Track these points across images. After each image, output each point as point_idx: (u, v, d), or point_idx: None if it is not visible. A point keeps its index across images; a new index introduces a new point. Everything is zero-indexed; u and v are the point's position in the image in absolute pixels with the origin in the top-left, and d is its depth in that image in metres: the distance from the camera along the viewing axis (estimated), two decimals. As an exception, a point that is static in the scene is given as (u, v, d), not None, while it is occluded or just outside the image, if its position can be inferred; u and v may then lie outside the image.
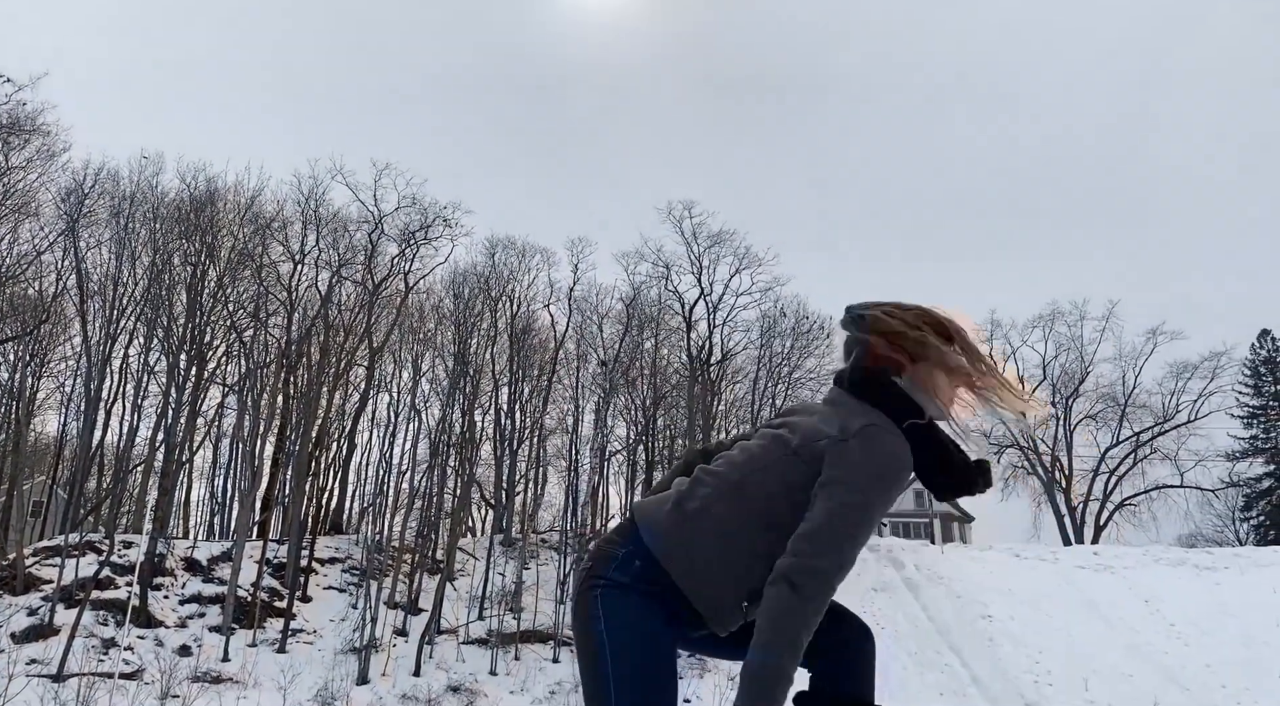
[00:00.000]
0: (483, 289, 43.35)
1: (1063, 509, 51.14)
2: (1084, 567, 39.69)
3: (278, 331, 39.86)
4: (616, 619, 2.00)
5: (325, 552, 36.82)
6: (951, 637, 34.56)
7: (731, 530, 2.03)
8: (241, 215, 39.81)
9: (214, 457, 43.32)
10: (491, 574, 36.11)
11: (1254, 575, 37.65)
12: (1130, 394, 51.94)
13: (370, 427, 43.76)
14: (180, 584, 32.90)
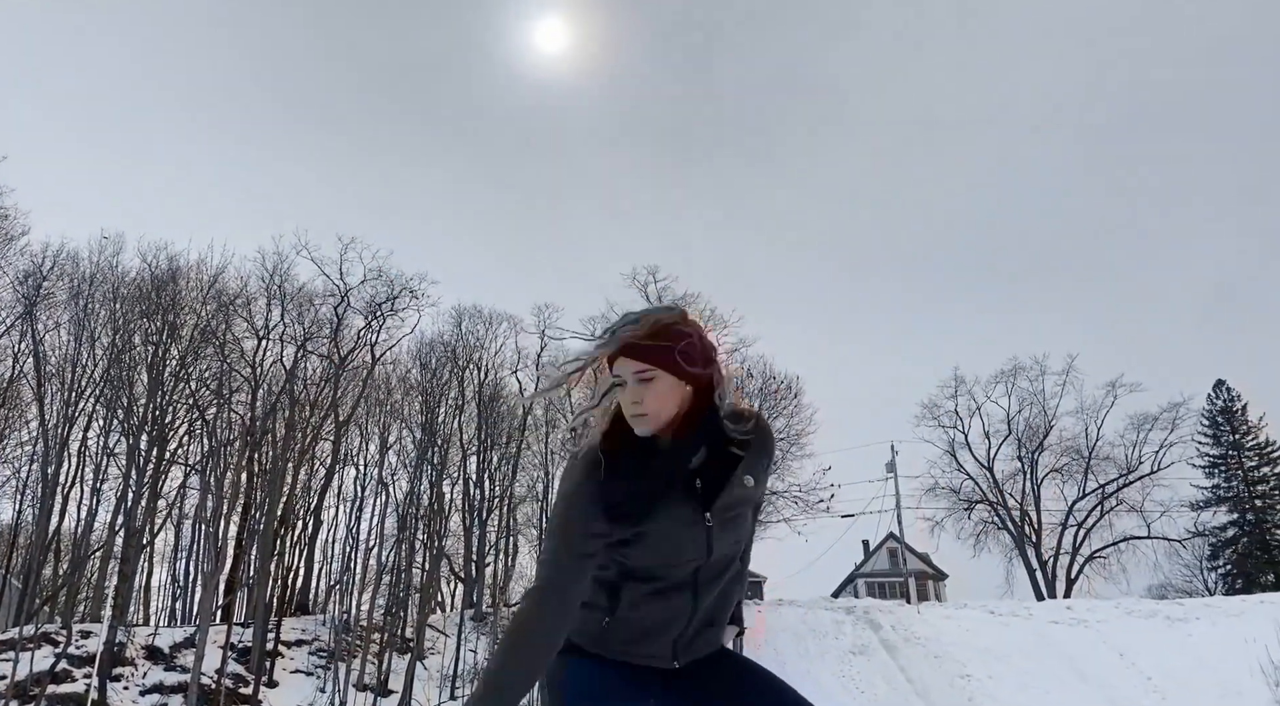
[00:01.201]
0: (450, 358, 43.27)
1: (1034, 563, 51.32)
2: (1058, 622, 39.73)
3: (242, 408, 39.35)
4: (578, 686, 2.03)
5: (292, 634, 35.90)
6: (931, 699, 34.28)
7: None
8: (204, 292, 39.55)
9: (175, 540, 42.37)
10: (463, 651, 35.36)
11: (1225, 625, 37.88)
12: (1093, 446, 52.63)
13: (336, 503, 43.15)
14: (141, 673, 31.83)
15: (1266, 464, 54.65)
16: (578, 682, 2.03)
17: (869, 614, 41.03)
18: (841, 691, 34.74)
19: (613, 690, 2.05)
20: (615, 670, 2.06)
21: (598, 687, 2.03)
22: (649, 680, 2.07)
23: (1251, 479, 54.28)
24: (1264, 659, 34.75)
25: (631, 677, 2.07)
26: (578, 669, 2.03)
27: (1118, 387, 52.53)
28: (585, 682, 2.03)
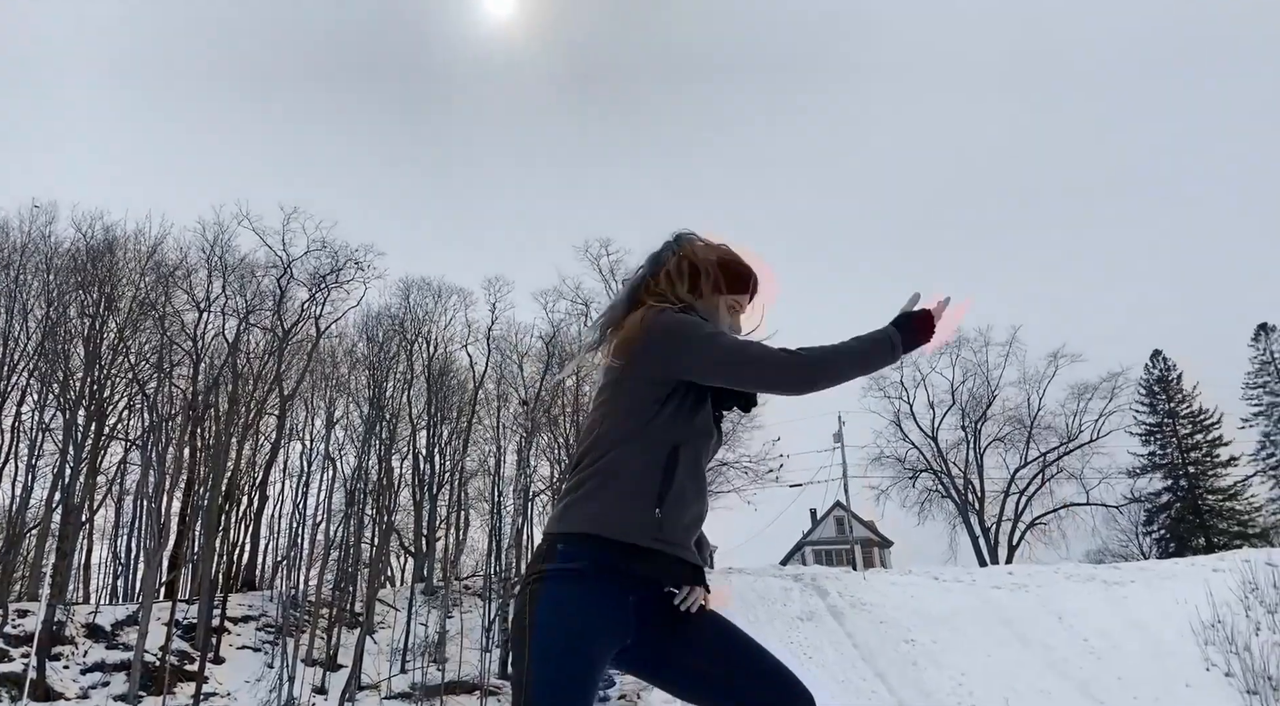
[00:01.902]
0: (398, 331, 42.75)
1: (977, 530, 52.55)
2: (1000, 587, 40.74)
3: (183, 382, 38.54)
4: (554, 614, 2.02)
5: (238, 611, 35.45)
6: (877, 664, 35.00)
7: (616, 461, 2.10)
8: (143, 264, 38.48)
9: (116, 517, 41.46)
10: (413, 624, 35.25)
11: (1159, 587, 39.17)
12: (1035, 416, 53.88)
13: (282, 478, 42.53)
14: (82, 652, 31.23)
15: (1199, 431, 56.43)
16: (560, 596, 2.05)
17: (816, 581, 41.69)
18: (789, 657, 35.08)
19: (593, 611, 2.04)
20: (604, 593, 2.06)
21: (579, 606, 2.03)
22: (630, 614, 2.09)
23: (1185, 446, 56.04)
24: (1194, 619, 36.06)
25: (615, 608, 2.07)
26: (564, 585, 2.05)
27: (1059, 358, 53.82)
28: (569, 600, 2.05)
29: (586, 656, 1.99)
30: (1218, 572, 39.44)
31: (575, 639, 2.00)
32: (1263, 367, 56.94)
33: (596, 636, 2.01)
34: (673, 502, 2.05)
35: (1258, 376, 56.97)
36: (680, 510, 2.07)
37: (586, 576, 2.02)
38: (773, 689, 2.12)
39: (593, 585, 2.03)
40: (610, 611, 2.03)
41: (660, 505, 2.04)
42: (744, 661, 2.18)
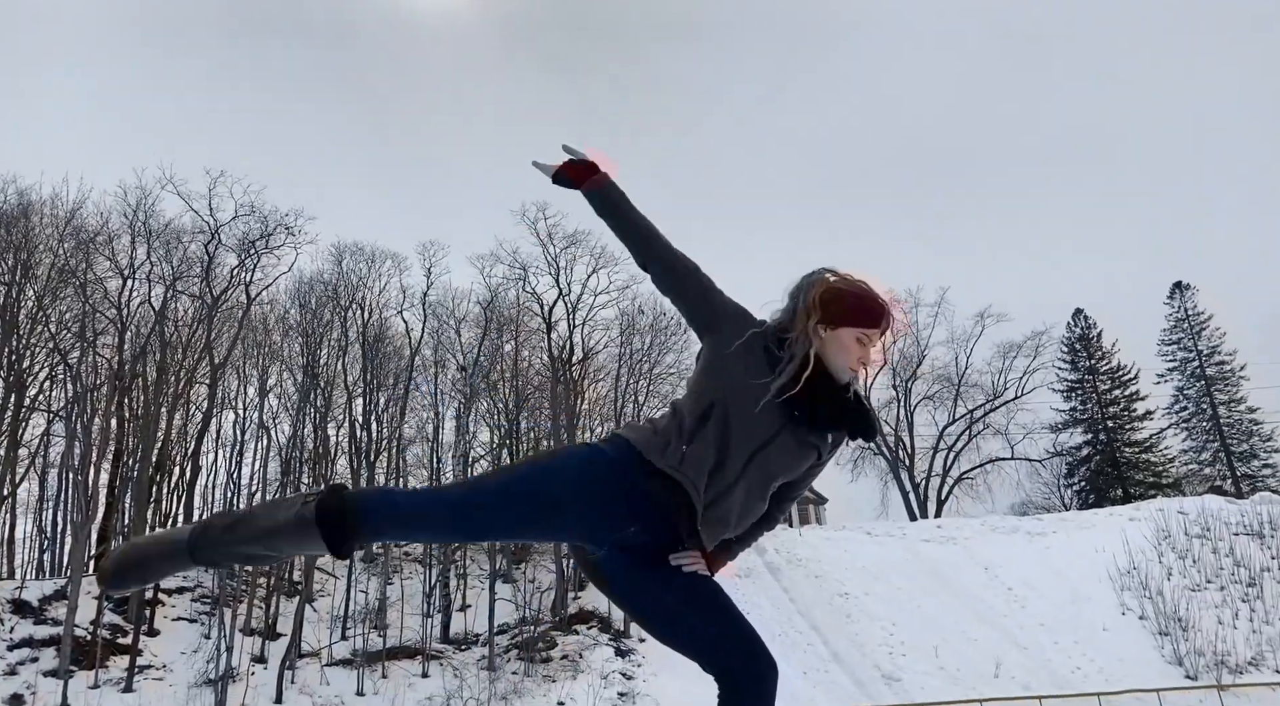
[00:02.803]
0: (331, 297, 42.07)
1: (907, 486, 54.04)
2: (929, 540, 42.05)
3: (108, 351, 37.48)
4: (570, 457, 2.31)
5: (172, 582, 34.83)
6: (812, 617, 35.99)
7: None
8: (61, 229, 37.16)
9: (41, 490, 40.26)
10: (353, 592, 35.16)
11: (1078, 537, 40.84)
12: (963, 374, 55.42)
13: (215, 448, 41.78)
14: (8, 628, 30.50)
15: (1118, 387, 58.63)
16: (583, 455, 2.29)
17: (754, 539, 42.54)
18: (728, 613, 36.11)
19: (595, 477, 2.23)
20: (614, 479, 2.23)
21: (602, 474, 2.24)
22: (626, 510, 2.23)
23: (1104, 401, 58.21)
24: (1111, 567, 37.76)
25: (615, 496, 2.22)
26: (600, 454, 2.27)
27: (986, 318, 55.30)
28: (586, 460, 2.28)
29: (558, 489, 2.20)
30: (1133, 521, 41.29)
31: (563, 471, 2.23)
32: (1177, 324, 59.27)
33: (582, 488, 2.21)
34: (699, 444, 2.22)
35: (1173, 333, 59.32)
36: (703, 459, 2.21)
37: (613, 461, 2.23)
38: (739, 654, 2.30)
39: (612, 468, 2.23)
40: (609, 491, 2.22)
41: (688, 443, 2.21)
42: (719, 619, 2.32)
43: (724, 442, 2.21)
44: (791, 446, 2.26)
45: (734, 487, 2.22)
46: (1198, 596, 35.50)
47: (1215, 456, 57.08)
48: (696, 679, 10.65)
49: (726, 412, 2.23)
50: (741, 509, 2.26)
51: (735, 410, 2.22)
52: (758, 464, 2.23)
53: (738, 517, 2.27)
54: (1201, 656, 32.41)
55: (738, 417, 2.22)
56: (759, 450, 2.23)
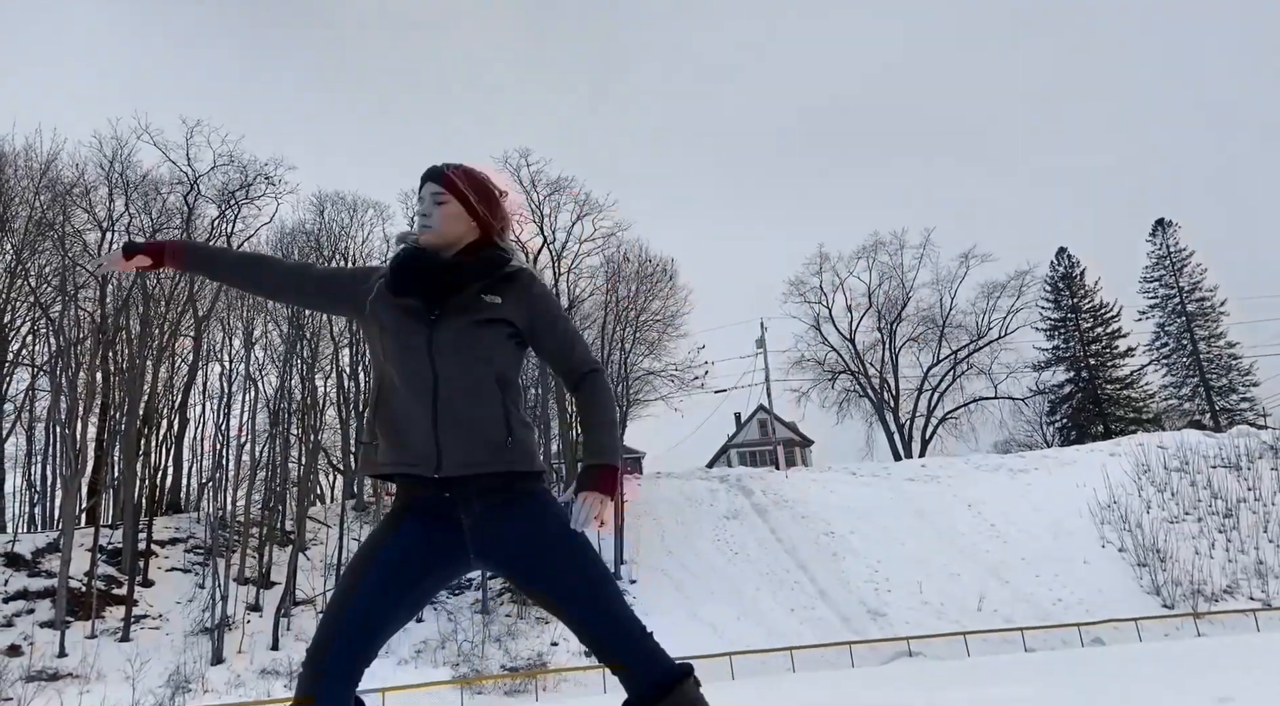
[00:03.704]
0: (313, 247, 41.70)
1: (892, 426, 54.58)
2: (913, 479, 42.63)
3: (90, 305, 37.18)
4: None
5: (165, 533, 35.17)
6: (799, 556, 36.60)
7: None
8: (36, 181, 36.56)
9: (29, 444, 40.22)
10: (346, 540, 35.46)
11: (1060, 473, 41.48)
12: (947, 315, 55.69)
13: (202, 401, 41.74)
14: (2, 581, 30.73)
15: (1100, 324, 59.06)
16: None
17: (741, 481, 43.03)
18: (716, 554, 36.67)
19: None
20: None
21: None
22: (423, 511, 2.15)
23: (1087, 339, 58.66)
24: (1092, 501, 38.45)
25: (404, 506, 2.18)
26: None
27: (970, 259, 55.42)
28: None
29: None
30: (1114, 456, 41.94)
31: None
32: (1159, 261, 59.51)
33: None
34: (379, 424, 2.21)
35: (1154, 270, 59.58)
36: (385, 425, 2.18)
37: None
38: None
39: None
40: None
41: (370, 437, 2.28)
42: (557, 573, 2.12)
43: (388, 390, 2.18)
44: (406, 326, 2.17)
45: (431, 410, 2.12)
46: (1176, 528, 36.26)
47: (1195, 391, 57.79)
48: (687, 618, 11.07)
49: (382, 361, 2.21)
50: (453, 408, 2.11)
51: (390, 352, 2.18)
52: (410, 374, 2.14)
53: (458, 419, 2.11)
54: (1179, 586, 33.22)
55: (392, 355, 2.17)
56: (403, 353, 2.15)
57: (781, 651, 28.55)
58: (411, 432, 2.11)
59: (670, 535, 37.88)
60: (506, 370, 2.17)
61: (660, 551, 36.48)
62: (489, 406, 2.11)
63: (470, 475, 2.08)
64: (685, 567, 35.31)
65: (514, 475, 2.11)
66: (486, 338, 2.14)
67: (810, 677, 22.04)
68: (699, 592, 33.43)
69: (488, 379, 2.12)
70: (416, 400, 2.11)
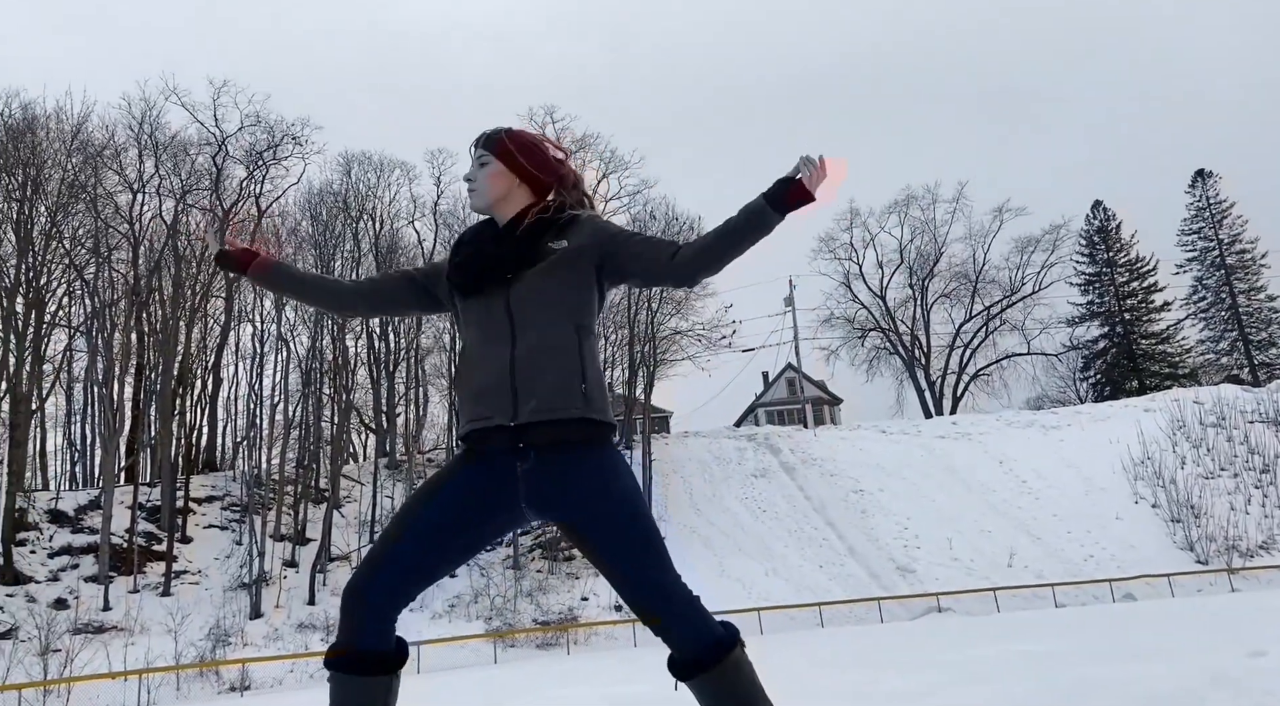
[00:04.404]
0: (341, 208, 41.77)
1: (923, 384, 54.24)
2: (944, 437, 42.45)
3: (123, 266, 37.59)
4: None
5: (201, 491, 35.85)
6: (827, 513, 36.67)
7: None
8: (68, 144, 36.81)
9: (68, 404, 41.03)
10: (379, 497, 35.97)
11: (1093, 429, 41.10)
12: (980, 270, 54.98)
13: (235, 361, 42.22)
14: (47, 537, 31.54)
15: (1136, 278, 58.05)
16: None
17: (769, 440, 43.07)
18: (744, 511, 36.82)
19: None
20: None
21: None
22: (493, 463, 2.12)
23: (1122, 293, 57.73)
24: (1125, 457, 38.09)
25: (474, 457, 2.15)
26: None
27: (1004, 212, 54.56)
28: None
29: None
30: (1149, 412, 41.47)
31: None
32: (1198, 214, 58.23)
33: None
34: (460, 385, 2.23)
35: (1193, 222, 58.33)
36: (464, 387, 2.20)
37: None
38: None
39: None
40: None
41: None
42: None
43: (467, 359, 2.20)
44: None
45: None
46: (1211, 484, 35.88)
47: (1233, 345, 56.83)
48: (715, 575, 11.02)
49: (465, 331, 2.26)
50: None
51: (468, 321, 2.22)
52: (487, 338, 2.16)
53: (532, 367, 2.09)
54: (1213, 541, 32.94)
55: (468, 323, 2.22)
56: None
57: (810, 607, 28.71)
58: (489, 388, 2.11)
59: (698, 493, 38.06)
60: (581, 318, 2.15)
61: (688, 509, 36.68)
62: (565, 355, 2.10)
63: (545, 421, 2.06)
64: (713, 524, 35.51)
65: (588, 421, 2.08)
66: (557, 285, 2.13)
67: (839, 632, 22.17)
68: (727, 549, 33.63)
69: (563, 327, 2.12)
70: (495, 358, 2.12)
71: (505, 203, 2.24)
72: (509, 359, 2.09)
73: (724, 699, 2.04)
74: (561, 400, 2.06)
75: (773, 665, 5.98)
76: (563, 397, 2.06)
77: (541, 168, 2.26)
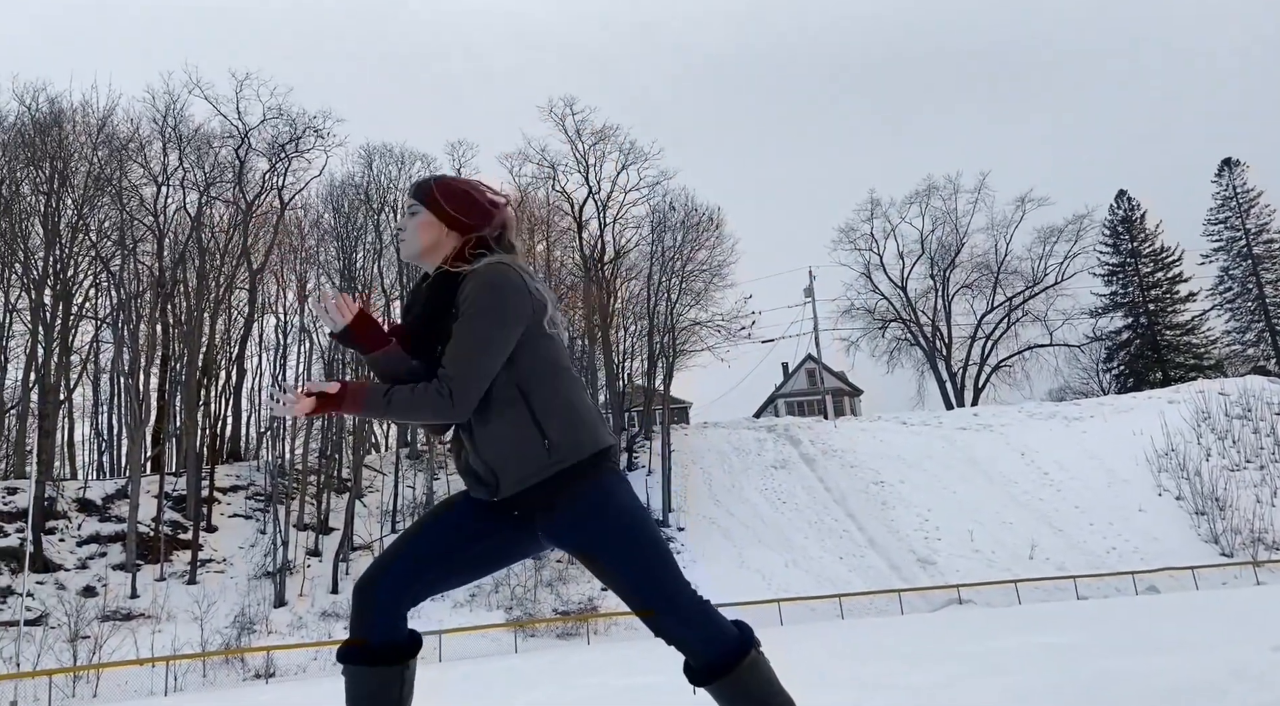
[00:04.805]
0: (363, 200, 41.98)
1: (944, 375, 53.97)
2: (965, 428, 42.23)
3: (148, 259, 37.99)
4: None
5: (226, 481, 36.23)
6: (848, 505, 36.60)
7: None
8: (94, 137, 37.20)
9: (95, 394, 41.61)
10: (401, 487, 36.24)
11: (1116, 421, 40.77)
12: (1002, 261, 54.60)
13: (259, 352, 42.63)
14: (75, 525, 31.99)
15: (1160, 269, 57.43)
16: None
17: (789, 431, 42.99)
18: (764, 502, 36.81)
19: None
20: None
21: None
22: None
23: (1146, 284, 57.14)
24: (1149, 449, 37.76)
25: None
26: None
27: (1026, 202, 54.14)
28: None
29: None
30: (1173, 404, 41.08)
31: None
32: (1225, 203, 57.50)
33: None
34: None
35: (1219, 212, 57.60)
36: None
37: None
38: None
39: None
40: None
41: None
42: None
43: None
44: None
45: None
46: (1236, 476, 35.54)
47: (1260, 336, 56.16)
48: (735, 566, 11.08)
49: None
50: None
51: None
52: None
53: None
54: (1238, 534, 32.65)
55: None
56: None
57: (830, 598, 28.70)
58: (467, 459, 2.14)
59: (717, 484, 38.08)
60: (520, 371, 2.08)
61: (708, 500, 36.72)
62: (517, 417, 2.07)
63: (523, 491, 2.07)
64: (733, 515, 35.54)
65: (564, 473, 2.06)
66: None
67: (859, 624, 22.17)
68: (747, 540, 33.65)
69: (505, 390, 2.07)
70: (459, 434, 2.15)
71: (433, 252, 2.21)
72: (470, 436, 2.11)
73: (741, 701, 2.08)
74: (533, 466, 2.05)
75: (793, 656, 6.05)
76: (534, 464, 2.05)
77: (469, 214, 2.20)
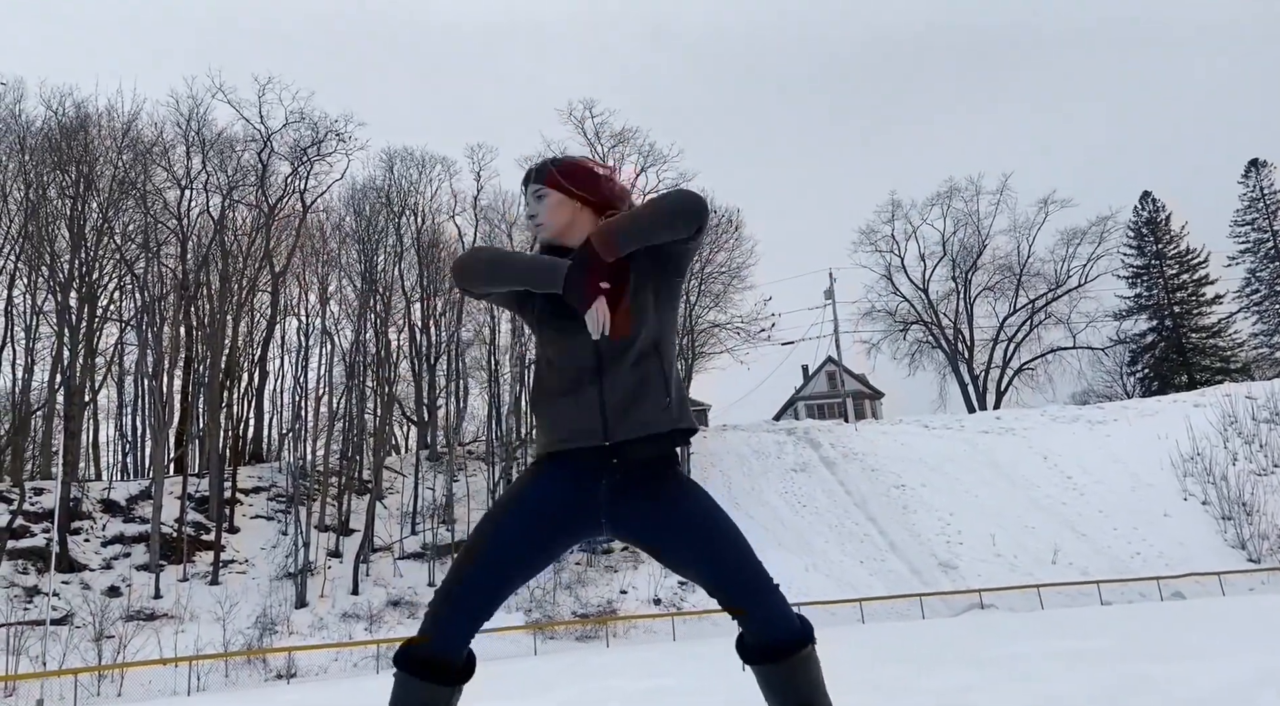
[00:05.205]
0: (384, 204, 42.23)
1: (966, 378, 53.58)
2: (987, 431, 41.90)
3: (172, 261, 38.37)
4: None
5: (248, 482, 36.49)
6: (868, 508, 36.39)
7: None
8: (119, 141, 37.64)
9: (119, 396, 42.02)
10: (421, 489, 36.37)
11: (1140, 424, 40.33)
12: (1025, 263, 54.17)
13: (281, 354, 42.94)
14: (100, 526, 32.31)
15: (1186, 271, 56.81)
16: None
17: (809, 434, 42.80)
18: (784, 506, 36.67)
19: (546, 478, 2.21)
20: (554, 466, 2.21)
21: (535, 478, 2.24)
22: (586, 480, 2.17)
23: (1171, 286, 56.52)
24: (1174, 453, 37.31)
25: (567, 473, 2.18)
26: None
27: (1049, 204, 53.70)
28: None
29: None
30: (1199, 407, 40.58)
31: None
32: (1252, 204, 56.81)
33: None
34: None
35: (1246, 213, 56.92)
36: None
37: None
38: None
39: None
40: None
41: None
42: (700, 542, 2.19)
43: (549, 375, 2.26)
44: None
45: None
46: (1264, 480, 35.05)
47: (1288, 340, 55.47)
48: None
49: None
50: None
51: (549, 338, 2.28)
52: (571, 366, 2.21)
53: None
54: (1266, 539, 32.20)
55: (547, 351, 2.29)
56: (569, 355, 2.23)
57: (851, 602, 28.55)
58: (578, 408, 2.15)
59: (737, 487, 37.97)
60: (658, 332, 2.20)
61: (727, 503, 36.60)
62: (651, 369, 2.16)
63: (637, 437, 2.12)
64: (752, 518, 35.41)
65: (677, 432, 2.14)
66: (635, 306, 2.17)
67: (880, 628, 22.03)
68: (766, 544, 33.51)
69: (644, 345, 2.16)
70: (580, 376, 2.16)
71: (572, 229, 2.26)
72: (597, 382, 2.14)
73: (788, 690, 2.12)
74: (653, 415, 2.12)
75: (812, 659, 5.92)
76: (653, 413, 2.12)
77: (594, 189, 2.29)
